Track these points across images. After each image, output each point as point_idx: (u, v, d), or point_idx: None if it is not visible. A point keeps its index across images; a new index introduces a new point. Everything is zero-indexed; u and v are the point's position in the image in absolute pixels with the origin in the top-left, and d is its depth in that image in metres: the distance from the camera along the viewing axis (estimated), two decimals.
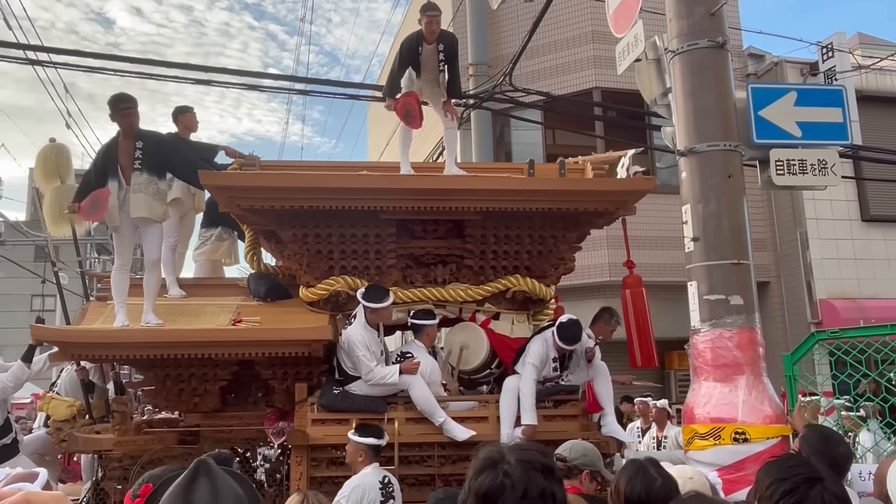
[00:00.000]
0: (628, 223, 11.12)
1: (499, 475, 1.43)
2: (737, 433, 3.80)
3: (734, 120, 4.29)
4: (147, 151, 5.03)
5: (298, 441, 4.61)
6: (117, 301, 4.95)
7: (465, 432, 4.58)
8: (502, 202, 4.79)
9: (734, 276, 4.06)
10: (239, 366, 5.08)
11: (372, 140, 22.23)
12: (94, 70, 8.44)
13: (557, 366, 4.94)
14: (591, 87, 11.64)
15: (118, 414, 4.99)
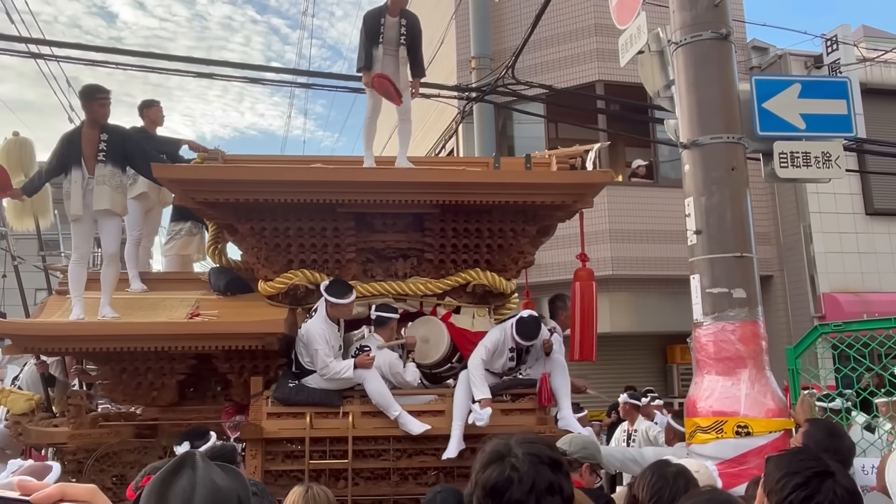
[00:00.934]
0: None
1: (506, 468, 1.43)
2: (739, 427, 3.80)
3: (737, 112, 4.26)
4: (112, 144, 5.03)
5: (252, 434, 4.59)
6: (74, 294, 4.94)
7: (420, 426, 4.58)
8: (457, 195, 4.77)
9: (737, 269, 4.05)
10: (197, 360, 5.06)
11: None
12: (96, 64, 8.41)
13: (514, 356, 4.91)
14: (593, 80, 11.60)
15: (73, 407, 5.00)
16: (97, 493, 0.71)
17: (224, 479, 1.19)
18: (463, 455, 4.65)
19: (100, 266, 5.41)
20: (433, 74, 12.96)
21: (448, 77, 12.58)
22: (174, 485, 1.14)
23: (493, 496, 1.43)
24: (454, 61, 12.77)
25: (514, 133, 12.84)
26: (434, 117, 13.98)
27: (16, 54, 8.53)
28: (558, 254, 11.58)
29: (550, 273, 11.67)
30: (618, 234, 11.28)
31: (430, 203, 4.82)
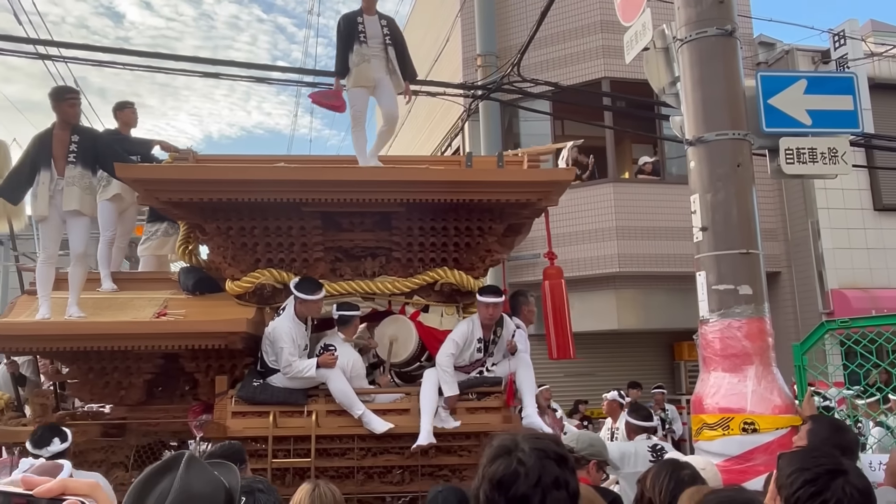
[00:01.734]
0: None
1: (513, 462, 1.44)
2: (746, 423, 3.79)
3: (743, 109, 4.26)
4: (82, 145, 5.07)
5: (215, 433, 4.60)
6: (41, 294, 4.97)
7: (384, 425, 4.58)
8: (420, 193, 4.75)
9: (743, 265, 4.04)
10: (165, 359, 5.06)
11: None
12: (104, 64, 8.45)
13: (482, 347, 4.91)
14: (599, 77, 11.58)
15: (39, 406, 5.03)
16: (98, 488, 0.72)
17: (207, 483, 1.19)
18: (428, 453, 4.65)
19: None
20: (439, 72, 12.96)
21: (454, 75, 12.58)
22: (157, 486, 1.15)
23: (499, 489, 1.44)
24: (460, 59, 12.77)
25: (520, 130, 12.83)
26: (440, 115, 13.99)
27: (24, 55, 8.58)
28: (562, 251, 11.57)
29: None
30: (624, 230, 11.27)
31: (394, 201, 4.79)
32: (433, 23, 15.07)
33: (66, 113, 5.13)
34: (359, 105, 5.63)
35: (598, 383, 10.88)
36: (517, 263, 11.84)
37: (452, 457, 4.70)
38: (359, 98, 5.62)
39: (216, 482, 1.21)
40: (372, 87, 5.61)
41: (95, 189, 5.25)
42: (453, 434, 4.67)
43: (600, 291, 11.60)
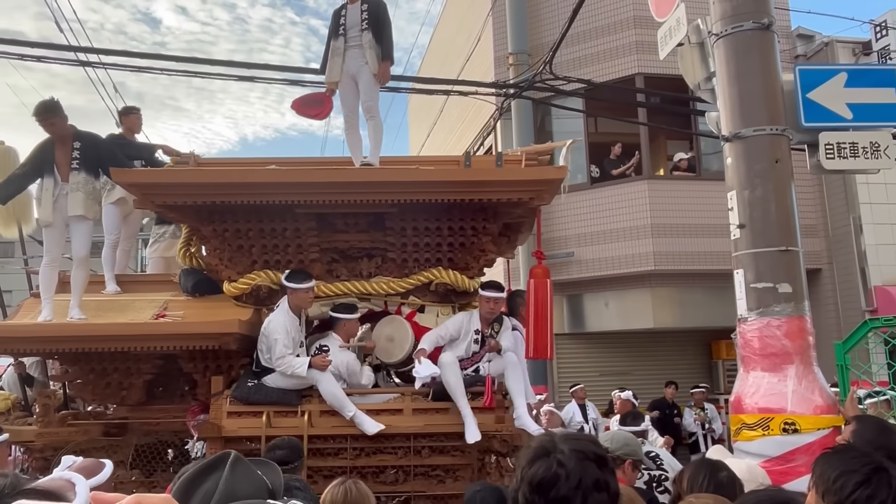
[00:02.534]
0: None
1: (552, 464, 1.44)
2: (786, 424, 3.73)
3: (781, 103, 4.18)
4: (85, 151, 5.16)
5: (210, 433, 4.63)
6: (44, 296, 5.06)
7: (375, 426, 4.56)
8: (411, 194, 4.73)
9: (782, 263, 3.97)
10: (164, 360, 5.10)
11: (413, 131, 22.29)
12: (141, 70, 8.65)
13: (479, 338, 4.88)
14: (633, 74, 11.47)
15: (42, 406, 5.12)
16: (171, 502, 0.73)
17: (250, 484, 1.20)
18: (421, 453, 4.64)
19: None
20: (470, 72, 12.95)
21: (485, 74, 12.56)
22: (202, 485, 1.17)
23: (539, 492, 1.43)
24: (491, 58, 12.74)
25: (552, 129, 12.76)
26: (472, 115, 13.97)
27: (65, 62, 8.79)
28: (597, 250, 11.50)
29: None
30: (659, 228, 11.14)
31: (385, 202, 4.78)
32: (464, 22, 15.06)
33: (48, 131, 5.22)
34: (346, 105, 5.51)
35: (634, 382, 10.76)
36: (550, 262, 11.76)
37: (446, 457, 4.68)
38: (344, 97, 5.49)
39: (260, 483, 1.23)
40: (351, 81, 5.44)
41: (100, 194, 5.36)
42: (446, 434, 4.66)
43: (635, 290, 11.49)
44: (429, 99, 16.12)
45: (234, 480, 1.18)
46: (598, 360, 12.16)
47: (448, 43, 16.93)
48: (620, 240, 11.31)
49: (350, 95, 5.50)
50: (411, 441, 4.64)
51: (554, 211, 11.99)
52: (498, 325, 4.95)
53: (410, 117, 23.02)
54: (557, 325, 12.21)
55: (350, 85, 5.46)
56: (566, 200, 11.97)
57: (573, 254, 11.74)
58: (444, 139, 16.09)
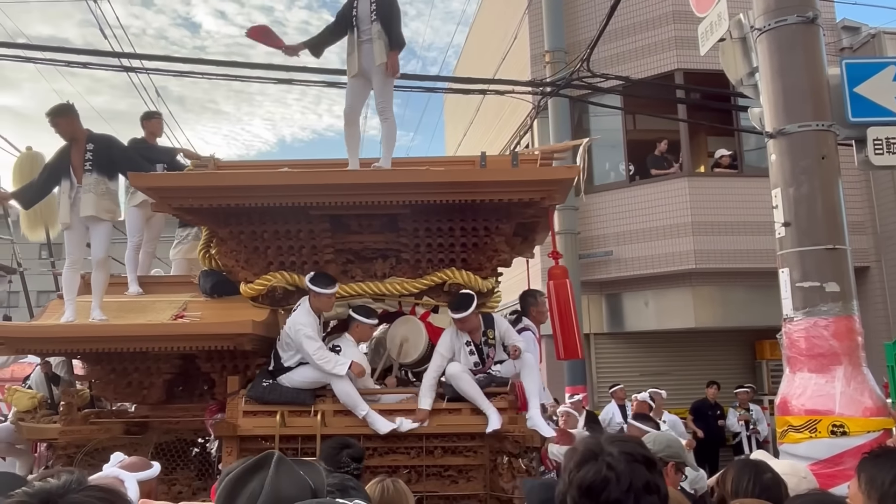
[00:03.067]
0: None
1: (602, 467, 1.42)
2: (834, 426, 3.64)
3: (827, 98, 4.08)
4: (97, 153, 5.25)
5: (225, 432, 4.66)
6: (67, 298, 5.15)
7: (388, 425, 4.54)
8: (422, 195, 4.70)
9: (829, 261, 3.88)
10: (183, 360, 5.16)
11: (449, 131, 22.31)
12: (182, 74, 8.80)
13: (473, 350, 4.81)
14: (672, 70, 11.30)
15: (65, 404, 5.21)
16: None
17: (294, 485, 1.21)
18: (433, 453, 4.63)
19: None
20: (507, 70, 12.92)
21: (522, 72, 12.52)
22: (247, 485, 1.18)
23: (589, 496, 1.41)
24: (528, 56, 12.69)
25: (590, 126, 12.65)
26: (508, 114, 13.93)
27: (109, 68, 9.01)
28: (636, 248, 11.37)
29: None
30: (700, 226, 10.97)
31: (398, 203, 4.77)
32: (500, 21, 15.03)
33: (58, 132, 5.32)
34: (352, 97, 5.41)
35: (675, 383, 10.63)
36: (588, 262, 11.70)
37: (459, 457, 4.67)
38: (353, 88, 5.41)
39: (303, 484, 1.24)
40: (363, 77, 5.34)
41: (114, 193, 5.42)
42: (459, 435, 4.64)
43: (676, 289, 11.34)
44: (465, 99, 16.13)
45: (278, 481, 1.19)
46: (637, 360, 12.02)
47: (484, 42, 16.91)
48: (660, 238, 11.16)
49: (359, 90, 5.40)
50: (424, 441, 4.64)
51: (591, 209, 11.89)
52: (491, 330, 4.86)
53: (447, 117, 23.05)
54: (596, 325, 12.13)
55: (361, 81, 5.36)
56: (604, 199, 11.88)
57: (611, 253, 11.63)
58: (480, 139, 16.07)
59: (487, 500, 4.55)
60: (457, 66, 21.34)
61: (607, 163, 12.41)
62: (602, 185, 12.15)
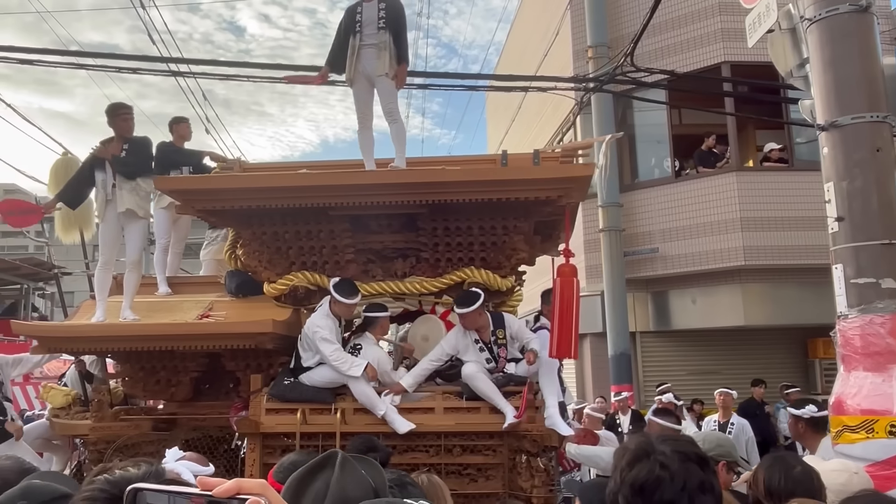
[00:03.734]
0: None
1: (655, 466, 1.40)
2: (892, 426, 3.53)
3: (882, 88, 3.95)
4: (131, 152, 5.44)
5: (247, 429, 4.72)
6: (98, 298, 5.29)
7: (406, 425, 4.55)
8: (438, 194, 4.68)
9: (885, 257, 3.76)
10: (209, 358, 5.25)
11: (491, 130, 22.28)
12: (228, 77, 8.96)
13: (483, 347, 4.77)
14: (719, 62, 11.09)
15: (96, 401, 5.35)
16: (268, 488, 0.76)
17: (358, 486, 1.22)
18: (452, 451, 4.63)
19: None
20: (548, 67, 12.84)
21: (564, 69, 12.42)
22: (311, 485, 1.20)
23: (642, 495, 1.39)
24: (570, 52, 12.59)
25: (634, 122, 12.50)
26: (550, 111, 13.85)
27: (157, 73, 9.22)
28: (683, 245, 11.19)
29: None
30: (750, 222, 10.74)
31: (415, 203, 4.76)
32: (542, 17, 14.94)
33: (121, 127, 5.54)
34: (359, 103, 5.45)
35: (723, 382, 10.39)
36: (634, 259, 11.57)
37: (478, 456, 4.65)
38: (357, 95, 5.44)
39: (365, 483, 1.25)
40: (366, 81, 5.38)
41: (146, 193, 5.56)
42: (477, 433, 4.63)
43: (725, 286, 11.13)
44: (507, 96, 16.08)
45: (343, 481, 1.21)
46: (685, 358, 11.83)
47: (525, 39, 16.83)
48: (708, 234, 10.97)
49: (364, 95, 5.44)
50: (442, 440, 4.64)
51: (636, 206, 11.74)
52: (501, 329, 4.83)
53: (488, 116, 23.02)
54: (641, 323, 11.98)
55: (364, 85, 5.39)
56: (650, 195, 11.72)
57: (657, 250, 11.47)
58: (522, 136, 16.01)
59: (506, 499, 4.54)
60: (498, 64, 21.29)
61: (653, 158, 12.25)
62: (647, 182, 11.99)
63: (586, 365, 12.47)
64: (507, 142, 17.38)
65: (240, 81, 9.08)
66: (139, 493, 0.74)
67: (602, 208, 11.51)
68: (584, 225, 12.23)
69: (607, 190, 11.46)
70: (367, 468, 1.30)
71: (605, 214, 11.49)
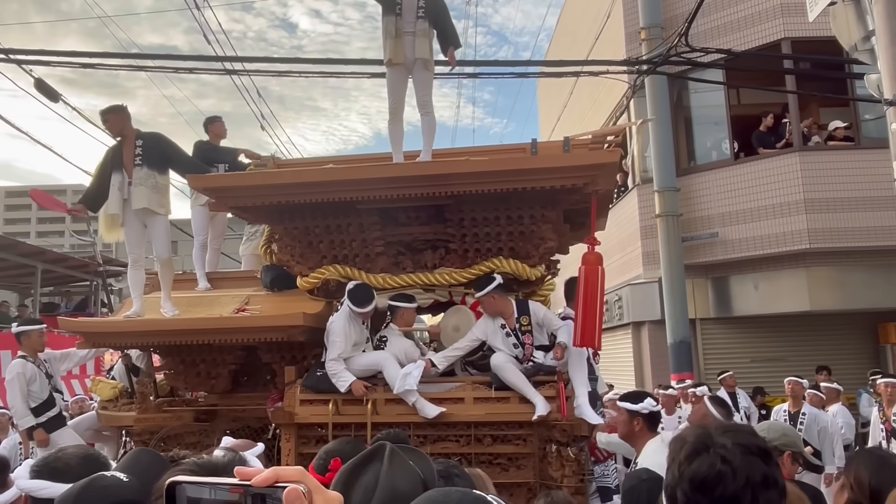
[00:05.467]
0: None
1: (716, 461, 1.34)
2: None
3: None
4: (146, 148, 5.48)
5: (282, 420, 4.80)
6: (133, 294, 5.45)
7: (435, 409, 4.58)
8: (463, 185, 4.66)
9: None
10: (246, 351, 5.34)
11: (542, 116, 22.07)
12: (281, 74, 9.09)
13: (510, 334, 4.75)
14: (778, 39, 10.71)
15: (140, 394, 5.50)
16: (305, 475, 0.76)
17: (408, 479, 1.22)
18: (482, 441, 4.63)
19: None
20: (599, 51, 12.62)
21: (616, 52, 12.20)
22: (361, 477, 1.20)
23: (702, 491, 1.34)
24: (622, 34, 12.35)
25: (690, 104, 12.19)
26: (603, 95, 13.62)
27: (213, 72, 9.42)
28: (744, 229, 10.88)
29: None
30: (814, 203, 10.38)
31: (442, 195, 4.77)
32: (593, 0, 14.68)
33: (109, 129, 5.64)
34: (393, 91, 5.35)
35: (788, 369, 10.10)
36: (693, 244, 11.31)
37: (508, 446, 4.66)
38: (393, 82, 5.35)
39: (415, 475, 1.24)
40: (403, 68, 5.28)
41: (164, 188, 5.62)
42: (507, 423, 4.64)
43: (789, 270, 10.78)
44: (558, 82, 15.90)
45: (392, 473, 1.20)
46: (747, 345, 11.53)
47: (576, 23, 16.58)
48: (770, 217, 10.64)
49: (400, 83, 5.37)
50: (472, 429, 4.67)
51: (694, 190, 11.47)
52: (525, 316, 4.82)
53: (540, 102, 22.79)
54: (701, 310, 11.72)
55: (401, 72, 5.33)
56: (708, 179, 11.42)
57: (717, 234, 11.19)
58: (574, 122, 15.81)
59: (538, 488, 4.51)
60: (549, 49, 21.05)
61: (709, 141, 11.94)
62: (705, 165, 11.70)
63: (644, 353, 12.27)
64: (559, 128, 17.19)
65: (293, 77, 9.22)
66: (178, 486, 0.75)
67: (658, 193, 11.29)
68: (640, 210, 12.00)
69: (663, 174, 11.23)
70: (415, 459, 1.29)
71: (661, 199, 11.26)
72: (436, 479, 1.32)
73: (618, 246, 12.81)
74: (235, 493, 0.74)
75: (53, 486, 1.67)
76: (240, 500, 0.73)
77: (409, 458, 1.28)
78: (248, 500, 0.73)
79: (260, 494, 0.73)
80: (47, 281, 15.26)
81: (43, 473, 1.73)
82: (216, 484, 0.75)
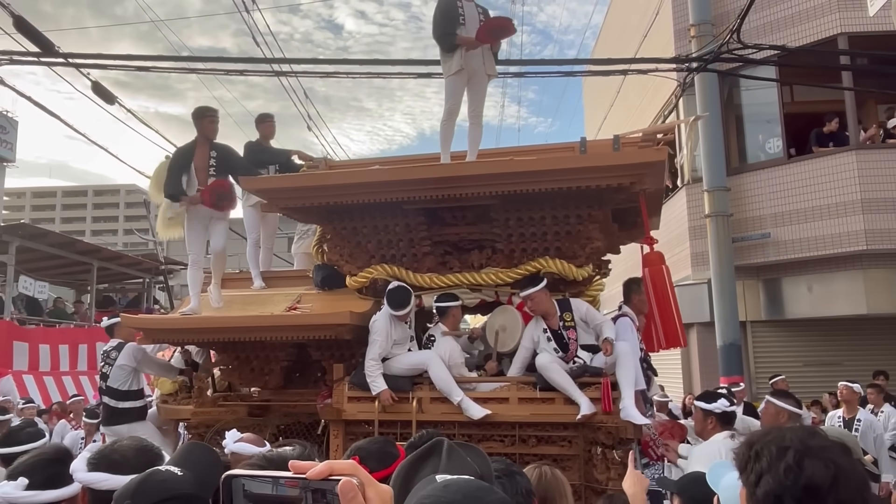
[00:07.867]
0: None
1: (830, 465, 1.32)
2: None
3: None
4: (220, 160, 5.75)
5: (330, 416, 4.94)
6: (192, 292, 5.67)
7: (481, 411, 4.61)
8: (508, 185, 4.66)
9: None
10: (297, 348, 5.47)
11: (589, 115, 21.85)
12: (328, 75, 9.18)
13: (550, 337, 4.73)
14: (835, 34, 10.40)
15: (197, 388, 5.69)
16: (358, 468, 0.77)
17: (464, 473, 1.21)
18: (527, 442, 4.63)
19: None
20: (647, 48, 12.44)
21: (665, 49, 12.01)
22: (420, 472, 1.19)
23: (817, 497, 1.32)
24: (671, 31, 12.15)
25: (742, 101, 11.93)
26: (651, 93, 13.43)
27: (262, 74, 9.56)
28: (797, 230, 10.61)
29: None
30: (872, 203, 10.05)
31: (487, 195, 4.78)
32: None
33: (206, 129, 5.79)
34: (454, 95, 5.52)
35: (844, 373, 9.80)
36: (744, 245, 11.07)
37: (553, 447, 4.64)
38: (455, 87, 5.51)
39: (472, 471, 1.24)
40: (467, 75, 5.47)
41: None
42: (552, 424, 4.62)
43: (845, 272, 10.47)
44: (605, 81, 15.72)
45: (450, 470, 1.20)
46: (800, 349, 11.23)
47: (623, 20, 16.38)
48: (824, 218, 10.34)
49: (461, 88, 5.54)
50: (517, 430, 4.67)
51: (745, 190, 11.22)
52: (567, 312, 4.81)
53: (586, 101, 22.59)
54: (752, 312, 11.46)
55: (465, 78, 5.50)
56: (760, 178, 11.16)
57: (769, 235, 10.93)
58: (621, 121, 15.61)
59: (583, 491, 4.50)
60: (595, 48, 20.84)
61: (761, 139, 11.67)
62: (757, 164, 11.44)
63: (693, 356, 12.06)
64: (605, 127, 17.01)
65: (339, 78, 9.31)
66: (234, 480, 0.75)
67: (708, 193, 11.07)
68: (689, 210, 11.79)
69: (713, 173, 11.01)
70: (473, 456, 1.29)
71: (711, 199, 11.04)
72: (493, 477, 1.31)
73: (665, 246, 12.54)
74: (291, 486, 0.74)
75: (112, 478, 1.70)
76: (300, 495, 0.74)
77: (467, 454, 1.27)
78: (307, 495, 0.74)
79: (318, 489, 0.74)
80: (102, 278, 15.68)
81: (100, 465, 1.76)
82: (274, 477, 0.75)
